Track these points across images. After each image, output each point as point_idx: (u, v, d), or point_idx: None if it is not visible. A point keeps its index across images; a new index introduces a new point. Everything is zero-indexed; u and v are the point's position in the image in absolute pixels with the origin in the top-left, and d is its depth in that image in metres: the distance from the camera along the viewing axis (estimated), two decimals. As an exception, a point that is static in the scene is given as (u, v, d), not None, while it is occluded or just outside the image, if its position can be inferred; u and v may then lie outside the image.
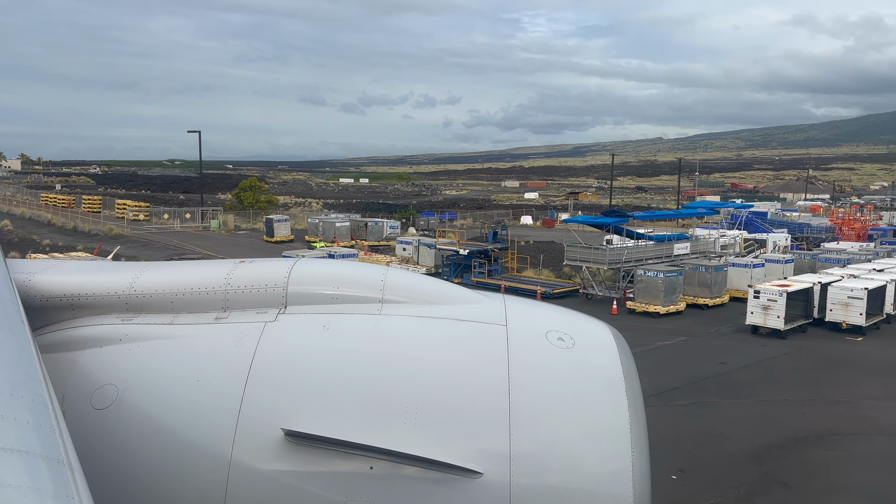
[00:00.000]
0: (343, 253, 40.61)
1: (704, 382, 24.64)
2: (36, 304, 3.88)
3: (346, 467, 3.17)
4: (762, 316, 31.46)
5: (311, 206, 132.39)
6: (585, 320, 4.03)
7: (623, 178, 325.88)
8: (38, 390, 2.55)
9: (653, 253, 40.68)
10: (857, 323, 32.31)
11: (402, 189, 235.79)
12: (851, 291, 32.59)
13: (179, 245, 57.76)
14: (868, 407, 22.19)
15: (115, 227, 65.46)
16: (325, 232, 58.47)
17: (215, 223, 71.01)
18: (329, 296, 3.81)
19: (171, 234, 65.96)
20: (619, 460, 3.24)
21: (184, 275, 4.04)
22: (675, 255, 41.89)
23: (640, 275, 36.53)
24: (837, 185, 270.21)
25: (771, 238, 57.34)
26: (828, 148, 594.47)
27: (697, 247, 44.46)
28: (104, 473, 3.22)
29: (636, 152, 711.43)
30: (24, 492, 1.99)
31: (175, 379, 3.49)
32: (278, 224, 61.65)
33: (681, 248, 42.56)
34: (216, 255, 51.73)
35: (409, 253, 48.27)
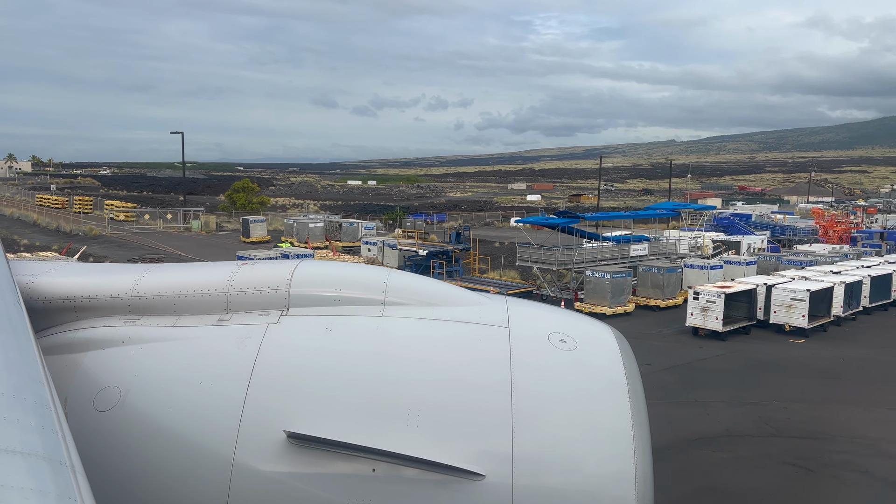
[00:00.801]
0: (298, 253, 40.80)
1: (621, 383, 24.49)
2: (39, 305, 3.90)
3: (348, 469, 3.18)
4: (701, 317, 31.27)
5: (308, 208, 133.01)
6: (588, 322, 4.05)
7: (633, 181, 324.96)
8: (41, 392, 2.54)
9: (608, 254, 40.54)
10: (800, 325, 32.07)
11: (406, 191, 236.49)
12: (794, 293, 32.34)
13: (154, 245, 58.20)
14: (776, 409, 22.01)
15: (95, 228, 66.04)
16: (298, 232, 58.75)
17: (197, 224, 71.54)
18: (331, 298, 3.82)
19: (152, 234, 66.50)
20: (621, 462, 3.24)
21: (186, 277, 4.05)
22: (633, 257, 41.72)
23: (589, 276, 36.42)
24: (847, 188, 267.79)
25: (745, 240, 57.00)
26: (842, 150, 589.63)
27: (657, 248, 44.24)
28: (107, 475, 3.22)
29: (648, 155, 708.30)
30: (27, 494, 1.99)
31: (178, 381, 3.50)
32: (254, 225, 62.05)
33: (638, 249, 42.37)
34: (185, 255, 52.11)
35: (373, 254, 48.44)
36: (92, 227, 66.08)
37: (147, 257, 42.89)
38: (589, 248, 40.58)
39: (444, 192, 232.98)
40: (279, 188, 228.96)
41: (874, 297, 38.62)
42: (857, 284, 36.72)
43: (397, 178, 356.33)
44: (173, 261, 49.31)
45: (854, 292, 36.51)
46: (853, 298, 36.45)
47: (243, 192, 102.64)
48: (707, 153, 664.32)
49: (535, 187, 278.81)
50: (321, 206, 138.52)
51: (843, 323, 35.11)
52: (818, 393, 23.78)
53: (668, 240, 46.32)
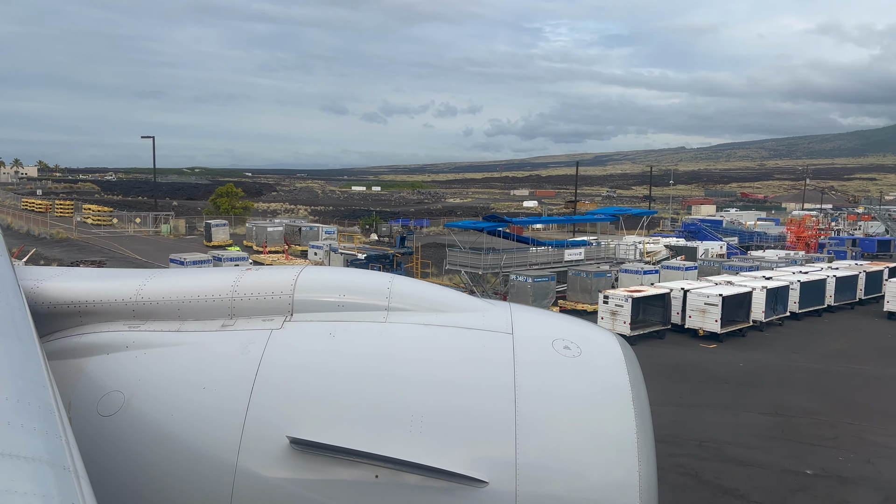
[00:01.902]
0: (231, 256, 41.06)
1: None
2: (43, 310, 3.92)
3: (351, 476, 3.18)
4: (611, 321, 31.18)
5: (298, 213, 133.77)
6: (592, 329, 4.06)
7: (638, 187, 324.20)
8: (44, 397, 2.55)
9: (539, 258, 40.52)
10: (713, 330, 31.93)
11: (407, 197, 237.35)
12: (707, 298, 32.22)
13: (114, 248, 58.72)
14: (653, 413, 21.91)
15: (63, 231, 66.72)
16: (257, 236, 59.12)
17: (165, 228, 72.11)
18: (335, 303, 3.83)
19: (118, 238, 67.06)
20: (625, 470, 3.23)
21: (190, 282, 4.06)
22: (567, 261, 41.67)
23: (512, 280, 36.46)
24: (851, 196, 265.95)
25: (702, 246, 56.85)
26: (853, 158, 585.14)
27: (595, 253, 44.16)
28: (110, 480, 3.24)
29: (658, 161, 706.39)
30: (31, 499, 2.00)
31: (181, 386, 3.51)
32: (216, 228, 62.46)
33: (573, 254, 42.31)
34: (140, 259, 52.55)
35: (319, 258, 48.66)
36: (60, 231, 66.76)
37: (88, 260, 43.27)
38: (517, 252, 40.56)
39: (444, 199, 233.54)
40: (280, 193, 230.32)
41: (806, 302, 38.37)
42: (783, 290, 36.51)
43: (401, 184, 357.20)
44: (124, 264, 49.73)
45: (780, 297, 36.31)
46: (779, 304, 36.26)
47: (227, 197, 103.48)
48: (717, 160, 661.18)
49: (537, 193, 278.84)
50: (311, 212, 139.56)
51: (766, 328, 34.93)
52: (695, 397, 23.69)
53: (608, 245, 46.19)
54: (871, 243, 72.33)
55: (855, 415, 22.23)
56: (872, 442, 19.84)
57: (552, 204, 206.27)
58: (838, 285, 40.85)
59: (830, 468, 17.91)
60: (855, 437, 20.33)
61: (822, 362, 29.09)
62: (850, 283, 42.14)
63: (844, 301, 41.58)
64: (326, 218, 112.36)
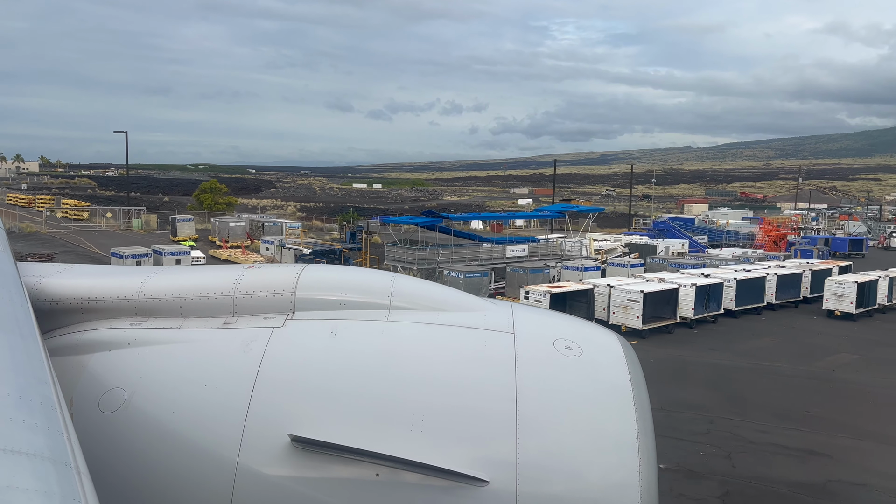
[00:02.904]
0: (172, 250, 41.28)
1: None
2: (46, 307, 3.93)
3: (352, 474, 3.18)
4: (530, 317, 31.22)
5: (286, 210, 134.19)
6: (593, 329, 4.06)
7: (640, 186, 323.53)
8: (46, 393, 2.55)
9: (481, 255, 40.59)
10: (635, 326, 31.91)
11: (405, 194, 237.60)
12: (630, 294, 32.22)
13: (77, 243, 59.11)
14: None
15: (33, 226, 67.19)
16: (220, 231, 59.38)
17: (137, 222, 72.49)
18: (337, 302, 3.84)
19: (87, 233, 67.46)
20: (626, 470, 3.23)
21: (193, 280, 4.08)
22: (510, 258, 41.70)
23: (446, 275, 36.54)
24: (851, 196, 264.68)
25: (663, 244, 56.82)
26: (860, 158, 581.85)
27: (540, 249, 44.16)
28: (112, 477, 3.25)
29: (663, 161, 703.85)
30: (32, 495, 2.00)
31: (183, 383, 3.53)
32: (181, 224, 62.77)
33: (516, 250, 42.33)
34: (100, 253, 52.85)
35: (271, 252, 48.85)
36: (29, 225, 67.21)
37: (36, 254, 43.58)
38: (458, 248, 40.63)
39: (442, 196, 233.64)
40: (279, 190, 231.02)
41: (744, 300, 38.28)
42: (716, 287, 36.44)
43: (403, 182, 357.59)
44: (80, 258, 50.04)
45: (714, 295, 36.25)
46: (713, 301, 36.20)
47: (210, 192, 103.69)
48: (723, 160, 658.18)
49: (536, 192, 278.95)
50: (300, 208, 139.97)
51: (697, 325, 34.88)
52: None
53: (556, 242, 46.18)
54: (842, 242, 72.08)
55: (737, 411, 22.21)
56: (741, 437, 19.83)
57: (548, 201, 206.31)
58: (780, 283, 40.73)
59: (686, 462, 17.92)
60: (727, 432, 20.32)
61: (734, 359, 29.05)
62: (794, 282, 41.99)
63: (788, 299, 41.48)
64: (315, 214, 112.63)
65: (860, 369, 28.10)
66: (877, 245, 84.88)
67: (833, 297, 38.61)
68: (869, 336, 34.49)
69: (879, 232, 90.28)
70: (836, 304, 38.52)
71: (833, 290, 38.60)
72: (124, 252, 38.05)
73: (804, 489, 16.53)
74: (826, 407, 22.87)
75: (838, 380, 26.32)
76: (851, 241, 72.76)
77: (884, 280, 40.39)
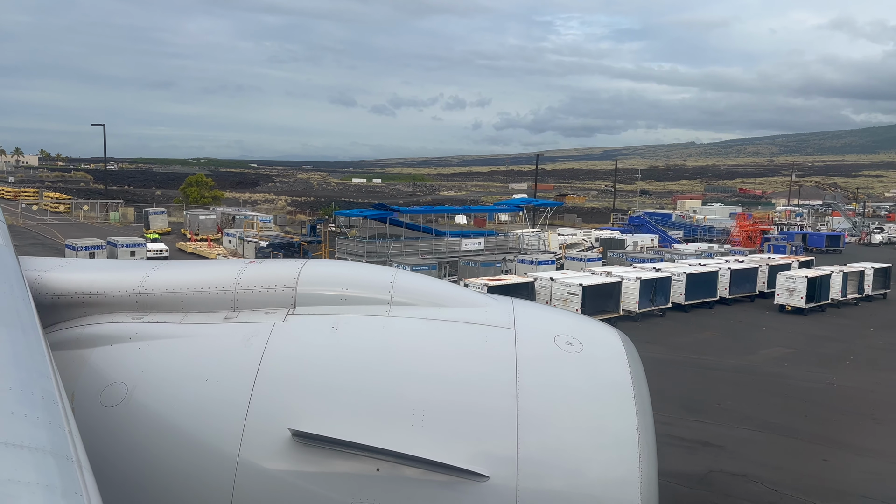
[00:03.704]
0: (127, 242, 41.47)
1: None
2: (47, 301, 3.93)
3: (352, 468, 3.19)
4: (468, 309, 31.34)
5: (276, 204, 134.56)
6: (594, 325, 4.07)
7: (641, 182, 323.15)
8: (48, 388, 2.56)
9: (432, 247, 40.67)
10: (574, 319, 31.94)
11: (402, 189, 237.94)
12: (570, 288, 32.29)
13: (49, 235, 59.43)
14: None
15: (9, 217, 67.44)
16: (190, 224, 59.60)
17: (114, 215, 72.78)
18: (338, 297, 3.84)
19: (63, 226, 67.77)
20: (626, 466, 3.24)
21: (194, 274, 4.10)
22: (464, 251, 41.77)
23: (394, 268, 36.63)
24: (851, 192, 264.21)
25: (631, 238, 56.84)
26: (864, 155, 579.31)
27: (499, 243, 44.22)
28: (113, 470, 3.25)
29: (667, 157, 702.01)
30: (34, 488, 2.01)
31: (184, 378, 3.53)
32: (154, 216, 63.07)
33: (472, 244, 42.40)
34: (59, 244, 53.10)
35: (233, 245, 49.01)
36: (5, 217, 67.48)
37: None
38: (411, 241, 40.72)
39: (438, 191, 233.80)
40: (276, 185, 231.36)
41: (694, 294, 38.26)
42: (663, 281, 36.45)
43: (402, 177, 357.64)
44: (47, 250, 50.32)
45: (661, 289, 36.26)
46: (660, 295, 36.21)
47: (196, 186, 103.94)
48: (727, 156, 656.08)
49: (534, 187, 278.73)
50: (291, 202, 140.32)
51: (642, 319, 34.89)
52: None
53: (516, 235, 46.23)
54: (819, 238, 71.99)
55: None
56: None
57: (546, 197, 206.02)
58: (735, 278, 40.67)
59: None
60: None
61: (666, 353, 29.07)
62: (749, 277, 41.94)
63: (743, 294, 41.45)
64: (305, 208, 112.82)
65: (789, 363, 28.12)
66: (858, 241, 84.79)
67: (784, 292, 38.59)
68: (813, 331, 34.48)
69: (863, 228, 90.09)
70: (786, 298, 38.50)
71: (784, 285, 38.57)
72: (77, 244, 38.26)
73: (682, 479, 16.61)
74: (739, 400, 22.91)
75: (762, 373, 26.34)
76: (829, 237, 72.63)
77: (837, 275, 40.31)
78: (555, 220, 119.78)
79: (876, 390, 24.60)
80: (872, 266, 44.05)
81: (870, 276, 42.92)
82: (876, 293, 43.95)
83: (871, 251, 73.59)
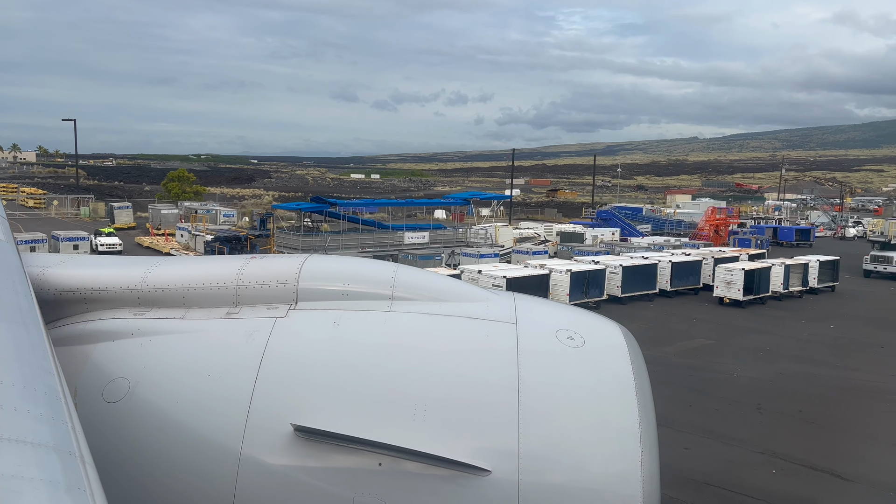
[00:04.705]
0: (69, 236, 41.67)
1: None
2: (49, 297, 3.94)
3: (354, 463, 3.21)
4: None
5: (262, 200, 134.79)
6: (596, 319, 4.07)
7: (640, 178, 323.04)
8: (51, 383, 2.57)
9: (376, 241, 40.74)
10: (498, 311, 32.04)
11: (398, 185, 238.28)
12: (494, 280, 32.35)
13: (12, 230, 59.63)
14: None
15: (-23, 213, 67.77)
16: (153, 218, 59.82)
17: (85, 210, 73.07)
18: (339, 292, 3.84)
19: (32, 220, 68.08)
20: (628, 460, 3.25)
21: (195, 270, 4.10)
22: (408, 245, 41.84)
23: (328, 261, 36.76)
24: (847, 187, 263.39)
25: (590, 232, 56.86)
26: (867, 149, 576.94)
27: (446, 237, 44.26)
28: (115, 466, 3.27)
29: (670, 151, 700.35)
30: (37, 483, 2.02)
31: (186, 373, 3.55)
32: (119, 211, 63.33)
33: (415, 237, 42.46)
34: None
35: (185, 239, 49.18)
36: (-25, 212, 67.83)
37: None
38: (351, 235, 40.81)
39: (432, 187, 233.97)
40: (272, 181, 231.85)
41: (631, 287, 38.26)
42: (597, 274, 36.48)
43: (399, 172, 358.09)
44: None
45: (595, 282, 36.28)
46: (593, 287, 36.23)
47: (178, 181, 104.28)
48: (729, 150, 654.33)
49: (532, 182, 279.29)
50: (278, 198, 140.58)
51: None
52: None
53: (465, 229, 46.27)
54: (789, 232, 71.91)
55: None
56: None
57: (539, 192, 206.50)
58: (676, 271, 40.68)
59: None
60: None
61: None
62: (692, 269, 41.92)
63: (686, 286, 41.42)
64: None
65: (701, 354, 28.14)
66: (833, 235, 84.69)
67: (723, 285, 38.57)
68: (743, 323, 34.46)
69: (840, 221, 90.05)
70: (725, 291, 38.49)
71: (722, 278, 38.54)
72: (17, 237, 38.36)
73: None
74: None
75: (668, 364, 26.35)
76: (799, 231, 72.52)
77: (779, 268, 40.25)
78: (536, 214, 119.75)
79: (776, 381, 24.63)
80: (818, 259, 43.97)
81: (815, 269, 42.83)
82: (823, 286, 43.90)
83: (844, 244, 73.49)
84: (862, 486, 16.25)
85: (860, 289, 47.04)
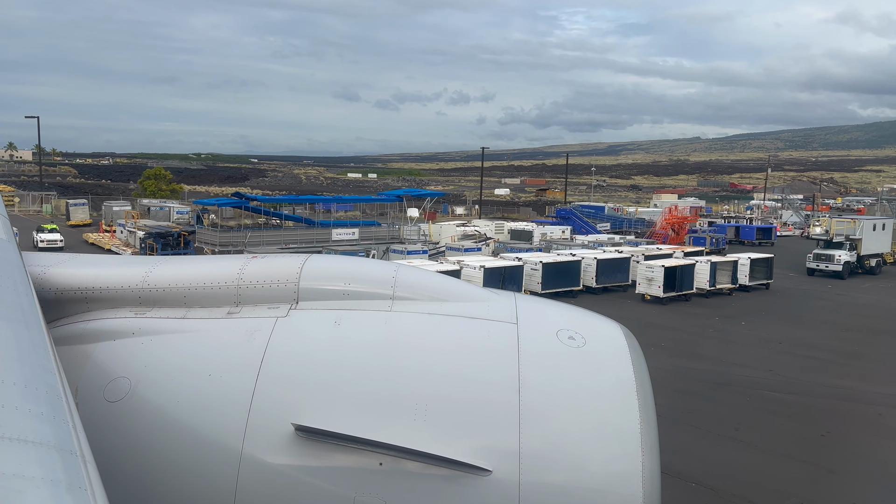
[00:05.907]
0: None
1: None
2: (50, 296, 3.95)
3: (355, 463, 3.21)
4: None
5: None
6: (597, 319, 4.08)
7: (638, 177, 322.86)
8: (52, 382, 2.57)
9: (297, 237, 40.83)
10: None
11: (392, 184, 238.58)
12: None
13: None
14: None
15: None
16: (106, 215, 60.06)
17: (47, 207, 73.44)
18: (340, 292, 3.86)
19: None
20: (629, 460, 3.26)
21: (196, 269, 4.11)
22: (335, 241, 41.91)
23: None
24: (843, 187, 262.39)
25: (539, 230, 56.91)
26: (870, 149, 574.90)
27: (379, 234, 44.32)
28: (117, 465, 3.28)
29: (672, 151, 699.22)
30: (38, 483, 2.02)
31: (187, 373, 3.56)
32: (74, 208, 63.63)
33: (344, 234, 42.54)
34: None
35: (125, 236, 49.37)
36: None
37: None
38: (272, 231, 40.91)
39: (426, 185, 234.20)
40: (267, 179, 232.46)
41: (553, 283, 38.31)
42: (514, 270, 36.54)
43: (399, 171, 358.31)
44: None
45: (512, 278, 36.33)
46: (511, 283, 36.25)
47: (154, 179, 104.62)
48: (731, 150, 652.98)
49: (527, 182, 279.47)
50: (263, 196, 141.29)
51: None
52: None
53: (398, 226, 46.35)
54: (750, 230, 71.83)
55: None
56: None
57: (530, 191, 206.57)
58: (602, 268, 40.68)
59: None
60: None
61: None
62: (620, 266, 41.92)
63: (614, 283, 41.42)
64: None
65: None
66: (801, 234, 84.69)
67: (644, 282, 38.56)
68: (656, 320, 34.43)
69: (809, 221, 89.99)
70: (646, 288, 38.49)
71: (644, 275, 38.53)
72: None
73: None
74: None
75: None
76: (760, 230, 72.43)
77: (704, 265, 40.21)
78: (511, 212, 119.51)
79: (658, 376, 24.55)
80: (749, 256, 43.89)
81: (746, 267, 42.76)
82: (756, 283, 43.83)
83: (810, 244, 73.30)
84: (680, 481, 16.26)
85: (797, 287, 46.95)
